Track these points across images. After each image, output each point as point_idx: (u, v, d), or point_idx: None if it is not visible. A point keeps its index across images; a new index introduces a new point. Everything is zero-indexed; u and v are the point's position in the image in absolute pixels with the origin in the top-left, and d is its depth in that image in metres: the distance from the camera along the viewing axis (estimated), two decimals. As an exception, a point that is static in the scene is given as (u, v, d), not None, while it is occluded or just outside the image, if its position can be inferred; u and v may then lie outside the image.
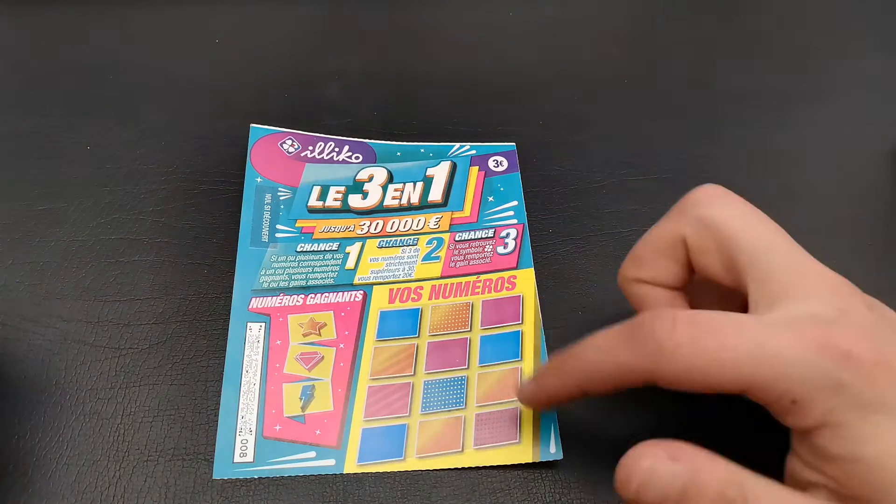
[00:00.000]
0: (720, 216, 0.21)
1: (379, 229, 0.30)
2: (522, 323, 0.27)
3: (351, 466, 0.24)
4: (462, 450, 0.24)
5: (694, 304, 0.24)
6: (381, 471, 0.24)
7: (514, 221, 0.31)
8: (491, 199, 0.31)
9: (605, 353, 0.19)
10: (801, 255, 0.20)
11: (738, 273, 0.20)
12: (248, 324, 0.27)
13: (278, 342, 0.26)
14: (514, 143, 0.34)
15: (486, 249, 0.29)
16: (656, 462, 0.18)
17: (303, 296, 0.28)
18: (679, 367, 0.18)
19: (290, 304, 0.27)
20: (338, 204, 0.31)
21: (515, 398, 0.25)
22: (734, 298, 0.21)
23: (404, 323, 0.27)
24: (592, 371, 0.20)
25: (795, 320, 0.18)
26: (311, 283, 0.28)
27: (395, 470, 0.24)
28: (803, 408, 0.17)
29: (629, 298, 0.24)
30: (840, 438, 0.17)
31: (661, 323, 0.18)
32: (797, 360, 0.17)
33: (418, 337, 0.27)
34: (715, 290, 0.22)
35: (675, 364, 0.18)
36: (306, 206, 0.31)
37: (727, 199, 0.21)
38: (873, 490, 0.17)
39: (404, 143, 0.33)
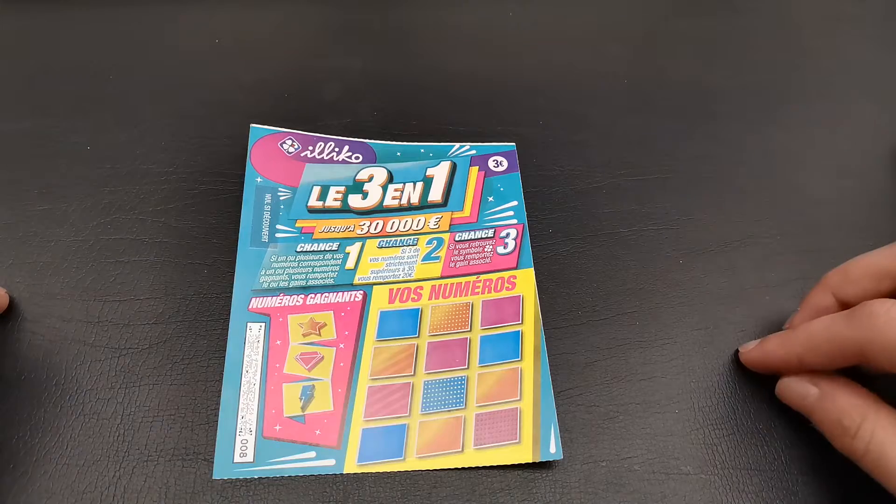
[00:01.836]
0: None
1: (379, 229, 0.30)
2: (522, 323, 0.27)
3: (351, 466, 0.24)
4: (462, 450, 0.24)
5: None
6: (381, 471, 0.24)
7: (514, 221, 0.31)
8: (491, 199, 0.31)
9: (826, 327, 0.22)
10: None
11: None
12: (248, 324, 0.27)
13: (278, 342, 0.26)
14: (513, 143, 0.34)
15: (486, 249, 0.29)
16: (799, 381, 0.24)
17: (303, 296, 0.28)
18: (888, 339, 0.20)
19: (290, 304, 0.27)
20: (338, 204, 0.31)
21: (516, 398, 0.25)
22: None
23: (404, 323, 0.27)
24: (814, 341, 0.23)
25: None
26: (311, 283, 0.28)
27: (395, 470, 0.24)
28: None
29: (810, 295, 0.26)
30: None
31: (881, 304, 0.21)
32: None
33: (418, 337, 0.27)
34: None
35: (885, 336, 0.20)
36: (306, 206, 0.31)
37: None
38: None
39: (404, 143, 0.33)
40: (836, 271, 0.25)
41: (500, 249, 0.30)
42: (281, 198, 0.31)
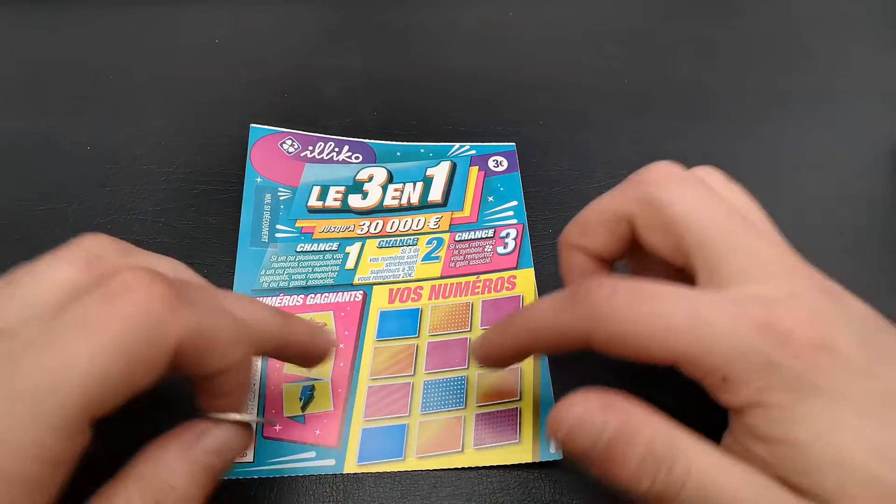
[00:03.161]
0: (669, 196, 0.20)
1: (379, 229, 0.30)
2: (522, 323, 0.27)
3: (351, 466, 0.24)
4: (462, 450, 0.24)
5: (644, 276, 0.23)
6: (380, 471, 0.24)
7: (514, 221, 0.31)
8: (491, 199, 0.31)
9: (547, 315, 0.20)
10: (755, 239, 0.19)
11: (687, 254, 0.20)
12: (248, 324, 0.27)
13: (278, 342, 0.26)
14: (513, 143, 0.34)
15: (485, 249, 0.29)
16: (588, 411, 0.18)
17: (303, 296, 0.28)
18: (611, 331, 0.18)
19: (290, 304, 0.27)
20: (338, 204, 0.31)
21: (516, 398, 0.25)
22: (686, 276, 0.21)
23: (404, 323, 0.27)
24: (535, 331, 0.20)
25: (739, 298, 0.18)
26: (310, 283, 0.28)
27: (395, 470, 0.24)
28: (734, 385, 0.17)
29: (561, 262, 0.24)
30: (771, 419, 0.17)
31: (600, 289, 0.18)
32: (730, 335, 0.17)
33: (418, 337, 0.27)
34: (666, 266, 0.22)
35: (608, 328, 0.18)
36: (306, 206, 0.31)
37: (678, 180, 0.21)
38: (802, 473, 0.16)
39: (404, 143, 0.33)
40: (572, 225, 0.23)
41: (500, 249, 0.30)
42: (281, 198, 0.31)
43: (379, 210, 0.31)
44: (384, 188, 0.32)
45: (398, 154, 0.33)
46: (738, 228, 0.19)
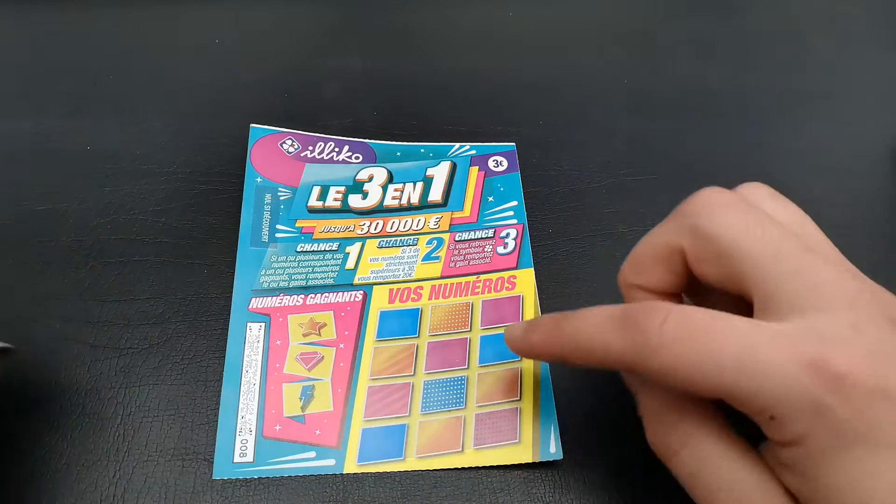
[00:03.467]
0: (716, 226, 0.19)
1: (379, 229, 0.30)
2: (522, 323, 0.27)
3: (351, 466, 0.24)
4: (462, 450, 0.24)
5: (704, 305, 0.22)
6: (381, 471, 0.24)
7: (514, 221, 0.31)
8: (491, 199, 0.31)
9: (595, 332, 0.19)
10: (811, 262, 0.18)
11: (740, 284, 0.19)
12: (248, 324, 0.27)
13: (278, 342, 0.26)
14: (513, 143, 0.34)
15: (485, 249, 0.29)
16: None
17: (303, 296, 0.28)
18: (661, 365, 0.17)
19: (290, 304, 0.27)
20: (338, 204, 0.31)
21: (516, 398, 0.25)
22: (745, 302, 0.20)
23: (404, 323, 0.27)
24: (581, 343, 0.20)
25: (793, 334, 0.17)
26: (311, 283, 0.28)
27: (395, 470, 0.24)
28: (781, 424, 0.17)
29: (625, 301, 0.23)
30: (810, 459, 0.16)
31: (652, 316, 0.18)
32: (781, 376, 0.16)
33: (418, 337, 0.27)
34: (725, 294, 0.21)
35: (656, 362, 0.18)
36: (306, 206, 0.31)
37: (724, 207, 0.20)
38: None
39: (404, 143, 0.33)
40: (626, 265, 0.23)
41: (500, 249, 0.30)
42: (281, 198, 0.31)
43: (379, 210, 0.31)
44: (384, 188, 0.32)
45: (398, 154, 0.33)
46: (792, 252, 0.18)
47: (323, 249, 0.29)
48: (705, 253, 0.20)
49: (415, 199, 0.31)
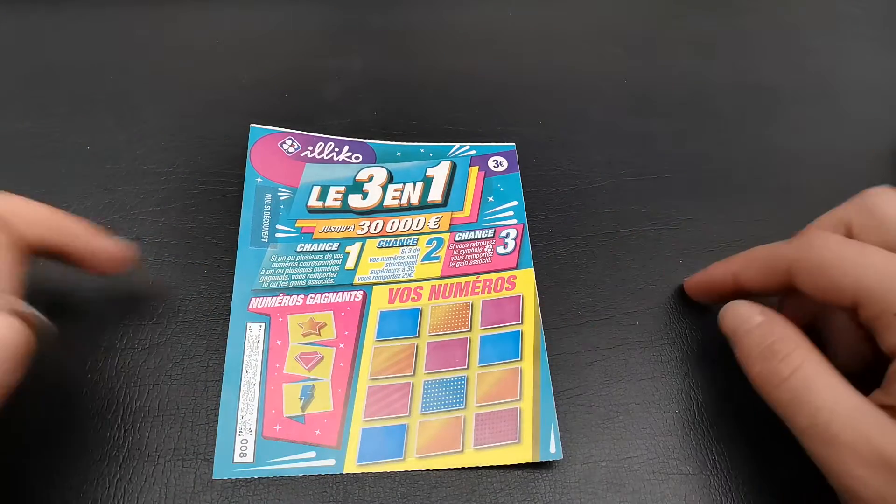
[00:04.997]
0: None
1: (379, 229, 0.30)
2: (522, 323, 0.27)
3: (351, 466, 0.24)
4: (462, 450, 0.24)
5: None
6: (380, 471, 0.24)
7: (514, 221, 0.31)
8: (491, 199, 0.31)
9: (766, 246, 0.24)
10: None
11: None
12: (248, 324, 0.27)
13: (278, 342, 0.26)
14: (513, 143, 0.34)
15: (485, 249, 0.29)
16: (749, 305, 0.24)
17: (303, 296, 0.28)
18: (817, 258, 0.22)
19: (290, 304, 0.27)
20: (338, 204, 0.31)
21: (516, 398, 0.25)
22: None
23: (404, 323, 0.27)
24: (751, 256, 0.25)
25: None
26: (311, 283, 0.28)
27: (395, 470, 0.24)
28: None
29: (705, 271, 0.27)
30: None
31: (822, 233, 0.22)
32: None
33: (418, 337, 0.27)
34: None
35: (813, 257, 0.22)
36: (306, 206, 0.31)
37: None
38: None
39: (404, 143, 0.33)
40: (741, 255, 0.26)
41: (500, 249, 0.30)
42: (281, 198, 0.31)
43: (379, 210, 0.31)
44: (384, 188, 0.32)
45: (398, 154, 0.33)
46: None
47: (323, 249, 0.29)
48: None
49: (415, 199, 0.31)
